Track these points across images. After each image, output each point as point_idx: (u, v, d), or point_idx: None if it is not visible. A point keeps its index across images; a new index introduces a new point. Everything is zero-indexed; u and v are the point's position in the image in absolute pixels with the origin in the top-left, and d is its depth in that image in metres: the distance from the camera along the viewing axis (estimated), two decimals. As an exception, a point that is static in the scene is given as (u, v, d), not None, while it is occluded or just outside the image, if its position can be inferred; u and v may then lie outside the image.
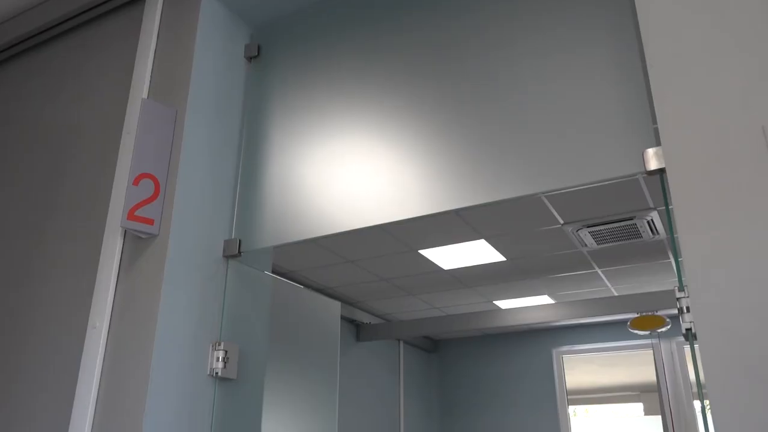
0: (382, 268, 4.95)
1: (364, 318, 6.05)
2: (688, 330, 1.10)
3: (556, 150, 1.35)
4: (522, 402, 6.82)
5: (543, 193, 1.33)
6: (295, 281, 5.18)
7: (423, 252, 4.62)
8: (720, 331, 1.03)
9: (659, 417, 6.20)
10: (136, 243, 1.63)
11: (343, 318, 5.90)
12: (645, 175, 1.24)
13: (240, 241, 1.72)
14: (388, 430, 6.29)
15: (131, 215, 1.55)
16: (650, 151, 1.24)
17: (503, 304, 5.93)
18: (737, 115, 1.13)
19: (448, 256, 4.71)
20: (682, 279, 1.13)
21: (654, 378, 6.40)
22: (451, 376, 7.32)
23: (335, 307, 2.16)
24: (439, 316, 5.79)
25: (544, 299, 5.76)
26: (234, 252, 1.71)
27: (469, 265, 4.92)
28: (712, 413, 1.02)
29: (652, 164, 1.23)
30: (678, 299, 1.13)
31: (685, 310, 1.11)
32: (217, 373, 1.59)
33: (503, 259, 4.76)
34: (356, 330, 6.09)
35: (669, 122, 1.19)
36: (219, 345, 1.61)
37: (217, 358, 1.60)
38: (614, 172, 1.27)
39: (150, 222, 1.58)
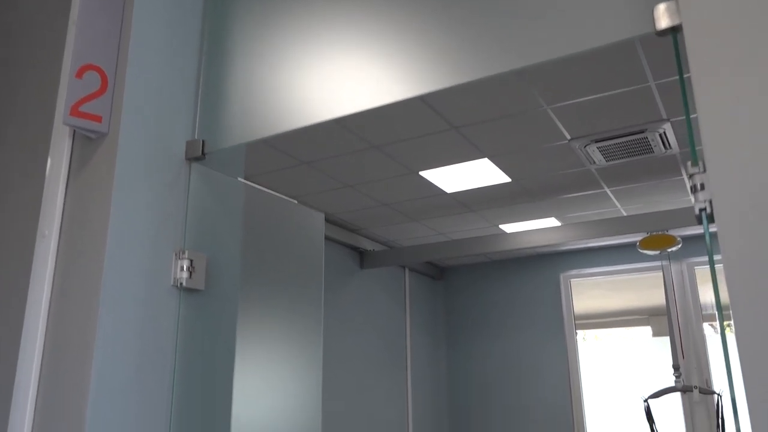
0: (383, 192, 4.80)
1: (368, 245, 5.95)
2: (702, 211, 0.93)
3: (544, 12, 1.15)
4: (529, 327, 6.79)
5: (531, 65, 1.14)
6: (294, 208, 5.05)
7: (424, 174, 4.45)
8: (743, 209, 0.87)
9: (667, 338, 6.15)
10: (86, 144, 1.47)
11: (346, 245, 5.81)
12: (654, 34, 1.05)
13: (204, 141, 1.56)
14: (394, 358, 6.30)
15: (75, 111, 1.38)
16: (661, 7, 1.04)
17: (509, 228, 5.79)
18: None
19: (451, 178, 4.54)
20: (696, 151, 0.96)
21: (662, 301, 6.32)
22: (457, 303, 7.29)
23: (318, 219, 2.01)
24: (444, 242, 5.68)
25: (551, 222, 5.61)
26: (197, 154, 1.55)
27: (473, 188, 4.75)
28: (732, 306, 0.87)
29: (663, 22, 1.03)
30: (690, 176, 0.96)
31: (698, 188, 0.95)
32: (181, 283, 1.46)
33: (508, 180, 4.59)
34: (360, 257, 6.00)
35: (685, -34, 0.99)
36: (183, 254, 1.48)
37: (182, 268, 1.46)
38: (617, 35, 1.08)
39: (97, 119, 1.41)
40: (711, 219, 0.91)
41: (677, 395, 5.95)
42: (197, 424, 1.42)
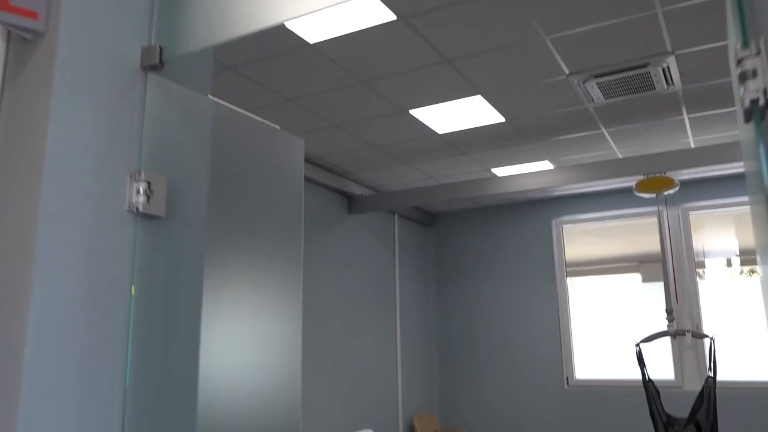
0: (371, 133, 4.60)
1: (356, 190, 5.77)
2: (755, 103, 0.76)
3: None
4: (520, 274, 6.72)
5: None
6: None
7: (414, 113, 4.24)
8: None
9: (656, 283, 6.09)
10: (22, 46, 1.26)
11: (334, 190, 5.63)
12: None
13: (161, 48, 1.36)
14: (384, 304, 6.22)
15: (4, 5, 1.18)
16: None
17: (501, 172, 5.62)
18: None
19: (442, 118, 4.33)
20: (746, 31, 0.78)
21: (652, 248, 6.23)
22: (447, 250, 7.18)
23: (298, 145, 1.83)
24: (434, 185, 5.51)
25: (545, 165, 5.45)
26: (154, 62, 1.35)
27: (465, 128, 4.56)
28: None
29: None
30: (739, 61, 0.79)
31: (750, 75, 0.77)
32: (137, 208, 1.28)
33: (502, 119, 4.39)
34: (348, 202, 5.84)
35: None
36: (139, 175, 1.29)
37: (138, 191, 1.28)
38: None
39: (32, 15, 1.20)
40: (764, 115, 0.74)
41: (666, 340, 5.93)
42: (157, 374, 1.27)
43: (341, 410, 5.35)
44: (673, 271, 5.74)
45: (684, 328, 4.40)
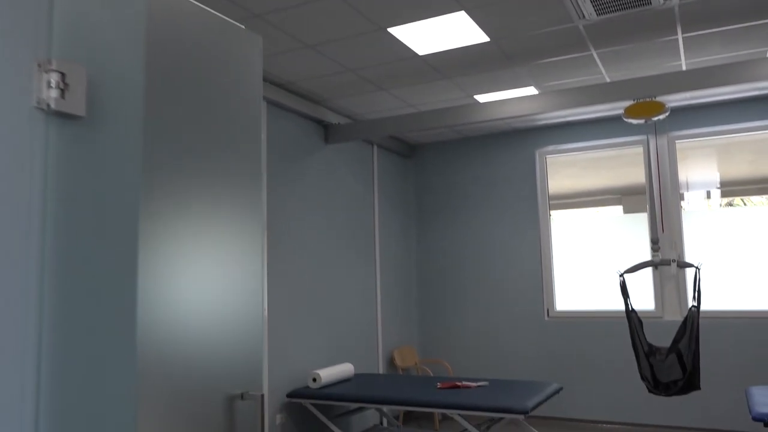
0: (347, 54, 4.29)
1: (332, 118, 5.50)
2: None
3: None
4: (503, 207, 6.57)
5: None
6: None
7: (393, 31, 3.94)
8: None
9: (638, 215, 5.99)
10: None
11: (308, 118, 5.35)
12: None
13: None
14: (363, 238, 6.06)
15: None
16: None
17: (484, 98, 5.37)
18: None
19: (423, 37, 4.04)
20: None
21: (635, 180, 6.10)
22: (428, 181, 6.99)
23: (256, 43, 1.57)
24: (414, 113, 5.26)
25: (530, 91, 5.20)
26: None
27: (447, 49, 4.27)
28: None
29: None
30: None
31: None
32: (49, 104, 1.04)
33: (486, 39, 4.11)
34: (324, 131, 5.57)
35: None
36: (49, 64, 1.05)
37: (49, 83, 1.04)
38: None
39: None
40: None
41: (648, 270, 5.88)
42: (84, 319, 1.06)
43: (320, 346, 5.25)
44: (660, 200, 5.62)
45: (669, 258, 4.30)
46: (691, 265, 4.26)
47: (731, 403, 5.47)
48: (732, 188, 5.78)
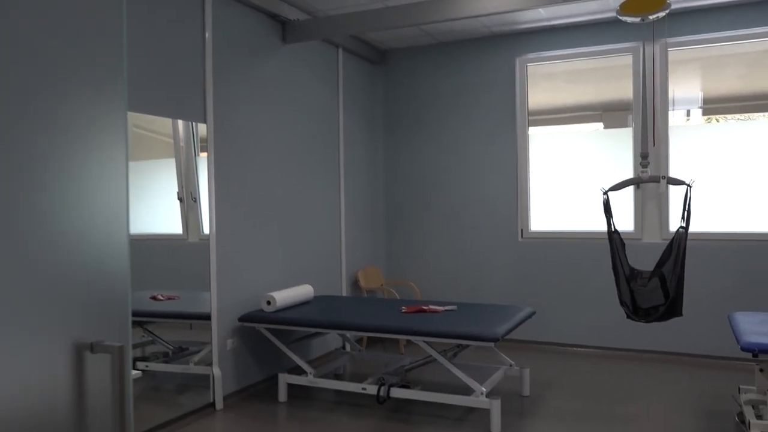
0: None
1: (291, 14, 4.85)
2: None
3: None
4: (478, 120, 6.07)
5: None
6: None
7: None
8: None
9: (619, 130, 5.57)
10: None
11: (263, 12, 4.70)
12: None
13: None
14: (326, 151, 5.55)
15: None
16: None
17: (462, -6, 4.76)
18: None
19: None
20: None
21: (617, 95, 5.63)
22: (399, 91, 6.43)
23: None
24: (381, 8, 4.64)
25: (514, -14, 4.60)
26: None
27: (420, -74, 3.64)
28: None
29: None
30: None
31: None
32: None
33: None
34: (282, 29, 4.94)
35: None
36: None
37: None
38: None
39: None
40: None
41: (629, 190, 5.52)
42: None
43: (276, 267, 4.85)
44: (653, 111, 5.18)
45: (659, 175, 3.90)
46: (682, 183, 3.88)
47: (711, 329, 5.27)
48: (716, 105, 5.35)
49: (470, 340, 3.67)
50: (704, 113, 5.42)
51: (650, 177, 3.93)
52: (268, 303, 4.38)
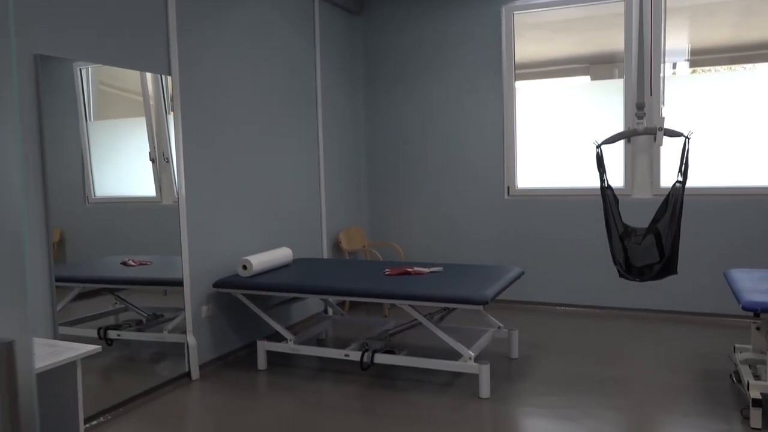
0: None
1: (261, -44, 4.49)
2: None
3: None
4: (462, 72, 5.79)
5: None
6: None
7: None
8: None
9: (607, 81, 5.33)
10: None
11: (230, -46, 4.33)
12: None
13: None
14: (303, 106, 5.24)
15: None
16: None
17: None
18: None
19: None
20: None
21: (605, 47, 5.37)
22: (380, 42, 6.10)
23: None
24: (360, -51, 4.30)
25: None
26: None
27: None
28: None
29: None
30: None
31: None
32: None
33: None
34: (251, -26, 4.57)
35: None
36: None
37: None
38: None
39: None
40: None
41: (619, 144, 5.32)
42: None
43: (253, 230, 4.60)
44: (651, 60, 4.94)
45: (655, 126, 3.69)
46: (680, 134, 3.67)
47: (703, 286, 5.15)
48: (703, 57, 5.12)
49: (458, 304, 3.49)
50: (692, 65, 5.19)
51: (646, 128, 3.72)
52: (245, 267, 4.15)
